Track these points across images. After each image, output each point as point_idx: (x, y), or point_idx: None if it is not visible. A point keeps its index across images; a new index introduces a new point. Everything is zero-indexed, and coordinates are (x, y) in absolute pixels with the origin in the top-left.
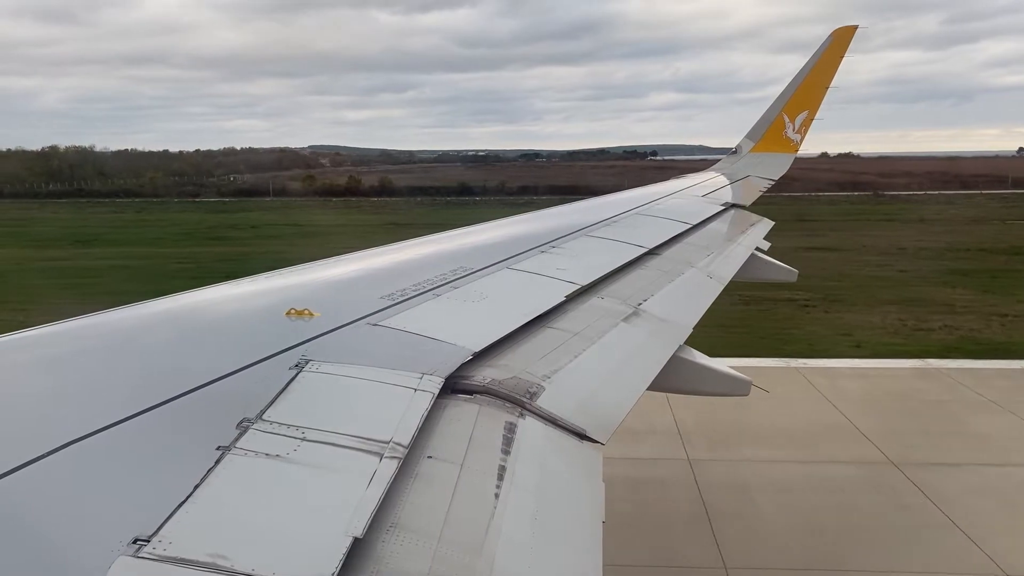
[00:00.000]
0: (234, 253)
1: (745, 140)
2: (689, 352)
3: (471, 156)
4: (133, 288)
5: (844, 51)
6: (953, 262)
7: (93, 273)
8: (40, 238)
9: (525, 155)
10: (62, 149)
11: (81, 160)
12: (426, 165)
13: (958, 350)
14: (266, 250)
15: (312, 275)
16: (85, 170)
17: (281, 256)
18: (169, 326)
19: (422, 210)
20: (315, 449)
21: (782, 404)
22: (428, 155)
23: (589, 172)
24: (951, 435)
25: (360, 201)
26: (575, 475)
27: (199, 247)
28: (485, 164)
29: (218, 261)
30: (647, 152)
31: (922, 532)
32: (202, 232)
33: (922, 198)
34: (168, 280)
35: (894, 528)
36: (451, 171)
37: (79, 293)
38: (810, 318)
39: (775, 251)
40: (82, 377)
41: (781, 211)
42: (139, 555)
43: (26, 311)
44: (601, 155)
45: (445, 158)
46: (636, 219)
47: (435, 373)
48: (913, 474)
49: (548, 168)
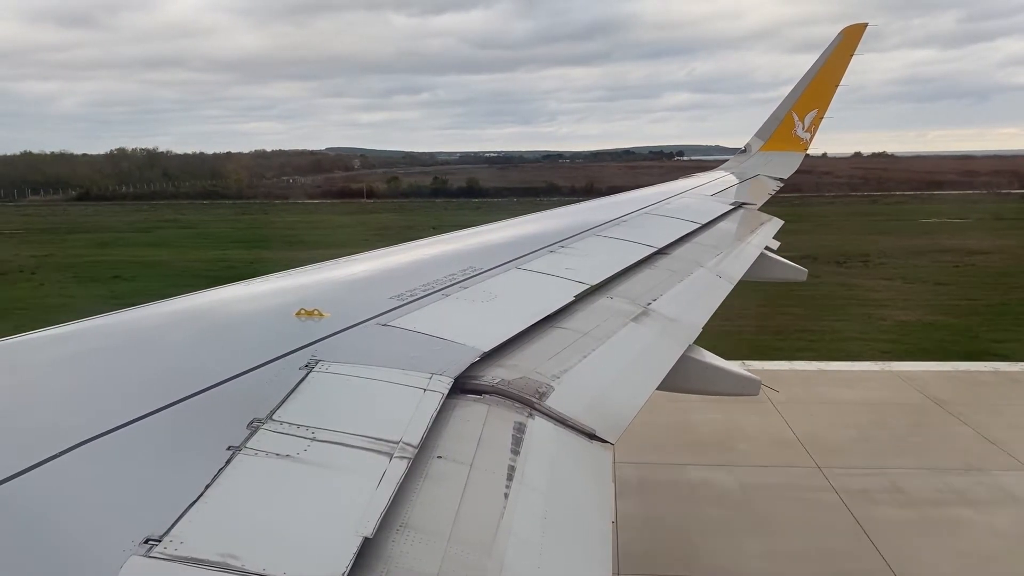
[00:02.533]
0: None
1: (754, 139)
2: (699, 352)
3: (493, 157)
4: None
5: (854, 50)
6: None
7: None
8: (245, 240)
9: (548, 156)
10: (130, 151)
11: (150, 162)
12: (452, 167)
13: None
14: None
15: (322, 275)
16: (153, 172)
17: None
18: (180, 327)
19: (520, 208)
20: (325, 449)
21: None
22: (449, 156)
23: (626, 173)
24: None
25: (446, 203)
26: (585, 475)
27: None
28: (513, 165)
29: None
30: (673, 152)
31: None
32: (395, 233)
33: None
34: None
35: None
36: (488, 173)
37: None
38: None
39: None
40: (94, 378)
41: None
42: (151, 555)
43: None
44: (627, 155)
45: (468, 159)
46: (645, 219)
47: (444, 373)
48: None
49: (581, 169)
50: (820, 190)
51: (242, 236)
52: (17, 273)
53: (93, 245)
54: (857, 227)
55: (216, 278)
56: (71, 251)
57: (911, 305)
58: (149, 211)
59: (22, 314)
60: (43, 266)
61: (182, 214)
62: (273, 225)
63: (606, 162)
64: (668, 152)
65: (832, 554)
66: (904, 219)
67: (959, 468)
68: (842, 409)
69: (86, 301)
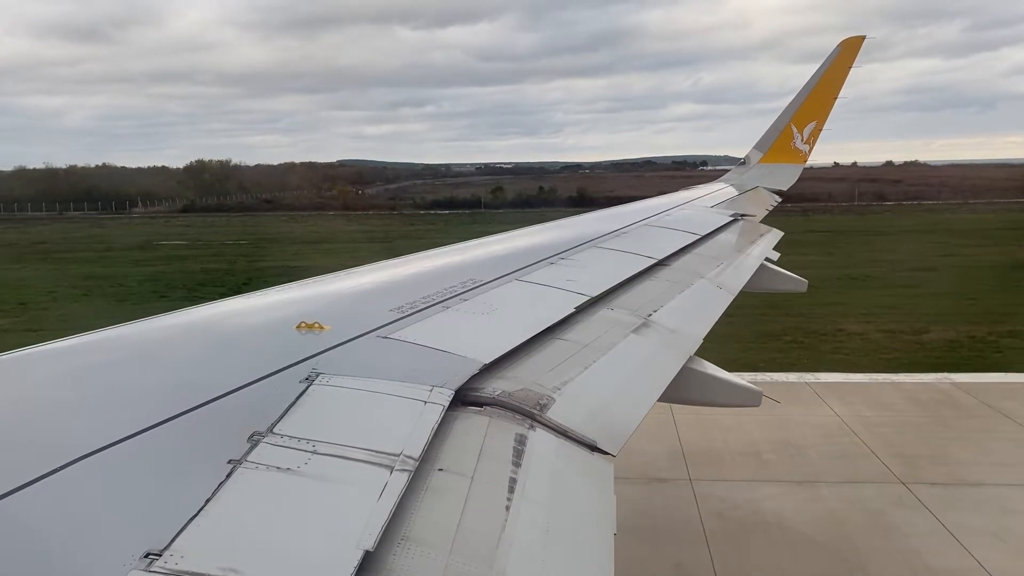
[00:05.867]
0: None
1: (753, 151)
2: (700, 363)
3: (509, 168)
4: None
5: (852, 61)
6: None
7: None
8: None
9: (567, 167)
10: (207, 161)
11: (224, 174)
12: (471, 178)
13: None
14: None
15: (322, 288)
16: (229, 184)
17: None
18: (180, 340)
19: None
20: (326, 462)
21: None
22: (461, 168)
23: (657, 182)
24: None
25: (497, 213)
26: (586, 487)
27: None
28: (539, 177)
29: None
30: (696, 162)
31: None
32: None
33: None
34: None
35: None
36: (516, 183)
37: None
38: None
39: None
40: (94, 391)
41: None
42: (151, 569)
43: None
44: (647, 165)
45: (485, 171)
46: (645, 230)
47: (445, 385)
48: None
49: (604, 180)
50: (873, 198)
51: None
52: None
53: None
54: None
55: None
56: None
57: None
58: (293, 221)
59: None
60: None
61: (322, 224)
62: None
63: (628, 172)
64: (692, 162)
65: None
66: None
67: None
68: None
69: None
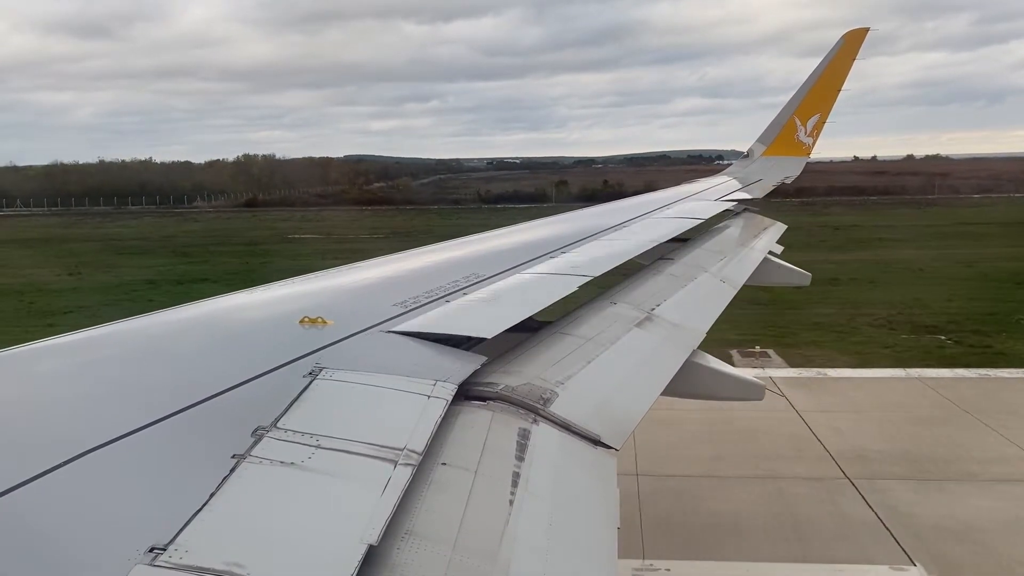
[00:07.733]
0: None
1: (757, 144)
2: (703, 357)
3: (520, 163)
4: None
5: (855, 54)
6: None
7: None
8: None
9: (580, 162)
10: (253, 156)
11: (271, 169)
12: (485, 172)
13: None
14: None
15: (325, 283)
16: (275, 179)
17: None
18: (184, 335)
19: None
20: (329, 457)
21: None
22: (475, 163)
23: (682, 175)
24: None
25: (572, 205)
26: (590, 481)
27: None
28: (555, 171)
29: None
30: (712, 156)
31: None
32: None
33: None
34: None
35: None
36: (537, 179)
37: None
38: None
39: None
40: (99, 386)
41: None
42: (155, 563)
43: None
44: (663, 159)
45: (499, 166)
46: (648, 223)
47: (448, 380)
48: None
49: (635, 173)
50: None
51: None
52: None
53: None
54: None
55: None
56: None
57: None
58: (361, 216)
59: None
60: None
61: (389, 216)
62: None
63: (644, 167)
64: (708, 156)
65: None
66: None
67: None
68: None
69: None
